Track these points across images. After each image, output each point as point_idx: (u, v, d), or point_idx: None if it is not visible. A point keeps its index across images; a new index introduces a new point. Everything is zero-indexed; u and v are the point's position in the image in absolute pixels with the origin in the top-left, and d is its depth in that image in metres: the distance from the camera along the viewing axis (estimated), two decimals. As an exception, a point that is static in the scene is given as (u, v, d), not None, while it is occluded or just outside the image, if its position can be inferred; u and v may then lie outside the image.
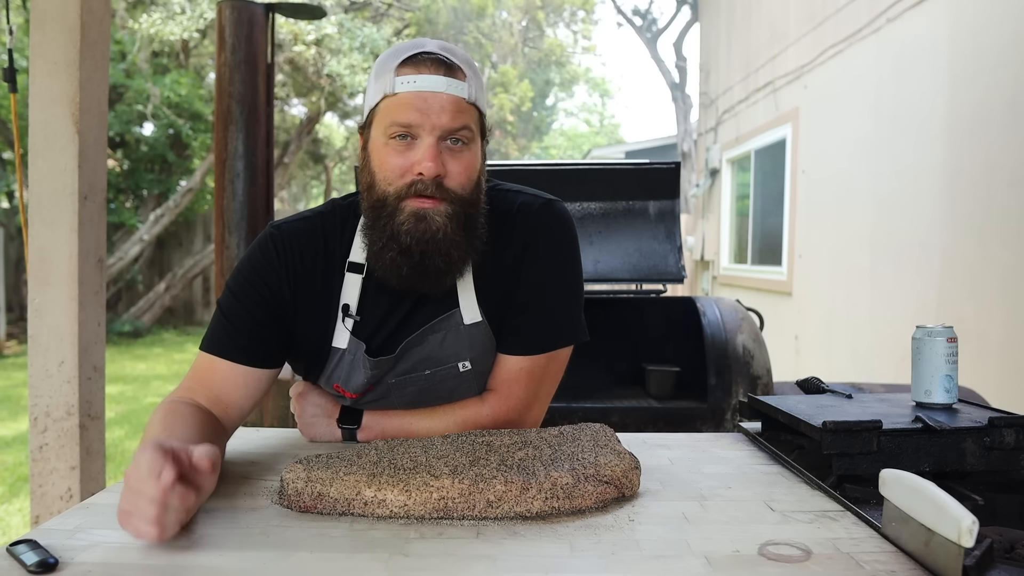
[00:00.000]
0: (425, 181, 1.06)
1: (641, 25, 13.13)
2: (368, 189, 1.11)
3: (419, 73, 1.06)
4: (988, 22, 3.56)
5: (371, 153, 1.11)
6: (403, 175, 1.07)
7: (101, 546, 0.79)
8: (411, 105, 1.05)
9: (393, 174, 1.07)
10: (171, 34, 9.15)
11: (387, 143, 1.07)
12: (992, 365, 3.40)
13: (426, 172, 1.05)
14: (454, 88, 1.07)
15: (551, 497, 0.88)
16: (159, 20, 9.15)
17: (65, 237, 2.09)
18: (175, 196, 10.20)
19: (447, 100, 1.06)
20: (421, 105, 1.05)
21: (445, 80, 1.07)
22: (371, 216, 1.10)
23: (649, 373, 2.71)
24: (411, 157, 1.06)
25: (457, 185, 1.08)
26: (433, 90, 1.06)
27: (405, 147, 1.07)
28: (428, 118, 1.05)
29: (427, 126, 1.05)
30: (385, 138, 1.07)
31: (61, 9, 2.07)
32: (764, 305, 5.38)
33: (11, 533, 3.34)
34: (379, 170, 1.09)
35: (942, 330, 1.11)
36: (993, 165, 3.46)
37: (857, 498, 0.92)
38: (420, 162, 1.05)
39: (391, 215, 1.08)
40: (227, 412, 1.12)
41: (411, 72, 1.06)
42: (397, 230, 1.07)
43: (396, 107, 1.06)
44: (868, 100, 4.73)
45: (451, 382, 1.20)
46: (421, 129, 1.05)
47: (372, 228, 1.10)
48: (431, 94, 1.06)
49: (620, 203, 2.95)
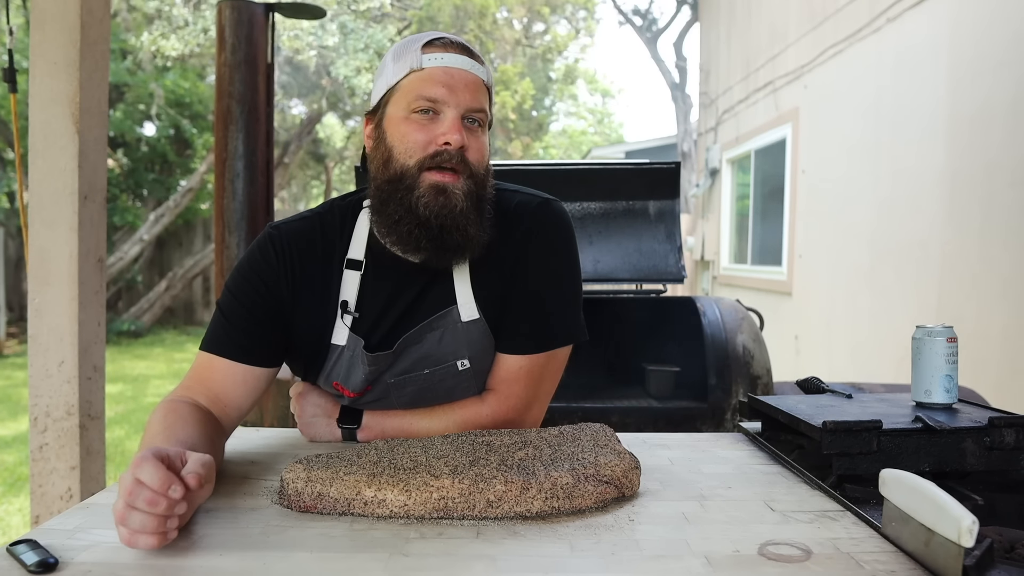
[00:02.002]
0: (450, 151, 1.08)
1: (641, 25, 13.13)
2: (384, 164, 1.11)
3: (446, 52, 1.11)
4: (989, 22, 3.56)
5: (387, 129, 1.12)
6: (426, 147, 1.09)
7: (101, 546, 0.79)
8: (439, 80, 1.09)
9: (416, 146, 1.09)
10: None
11: (408, 117, 1.09)
12: (992, 365, 3.40)
13: (453, 143, 1.08)
14: (476, 69, 1.13)
15: (551, 497, 0.88)
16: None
17: (65, 237, 2.09)
18: (175, 196, 10.21)
19: (471, 79, 1.11)
20: (448, 80, 1.09)
21: (469, 60, 1.12)
22: (386, 190, 1.11)
23: (649, 373, 2.71)
24: (434, 130, 1.09)
25: (475, 161, 1.11)
26: (459, 67, 1.10)
27: (428, 121, 1.09)
28: (454, 94, 1.09)
29: (452, 101, 1.08)
30: (407, 112, 1.10)
31: (61, 9, 2.07)
32: (764, 305, 5.38)
33: (11, 533, 3.34)
34: (399, 143, 1.10)
35: (942, 330, 1.11)
36: (993, 165, 3.46)
37: (857, 498, 0.92)
38: (446, 133, 1.08)
39: (409, 188, 1.09)
40: (226, 411, 1.12)
41: (438, 51, 1.11)
42: (415, 203, 1.08)
43: (423, 81, 1.09)
44: (868, 100, 4.73)
45: (450, 381, 1.20)
46: (446, 104, 1.09)
47: (387, 202, 1.10)
48: (457, 71, 1.10)
49: (620, 203, 2.95)
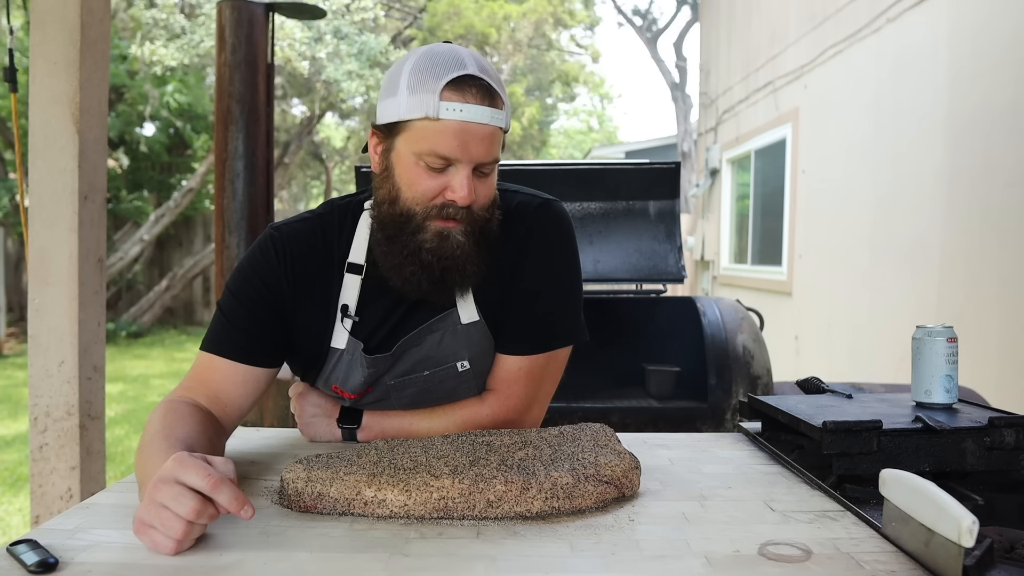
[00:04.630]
0: (457, 206, 1.07)
1: (641, 25, 13.13)
2: (390, 202, 1.10)
3: (465, 102, 1.03)
4: (988, 22, 3.56)
5: (395, 165, 1.09)
6: (434, 198, 1.07)
7: (101, 546, 0.79)
8: (455, 137, 1.03)
9: (424, 197, 1.07)
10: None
11: (418, 163, 1.06)
12: (992, 365, 3.40)
13: (460, 202, 1.06)
14: (496, 119, 1.06)
15: (551, 497, 0.88)
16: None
17: (65, 237, 2.09)
18: (176, 196, 10.22)
19: (487, 133, 1.05)
20: (465, 138, 1.03)
21: (490, 112, 1.04)
22: (392, 228, 1.10)
23: (649, 373, 2.71)
24: (443, 181, 1.06)
25: (481, 208, 1.10)
26: (478, 121, 1.04)
27: (438, 172, 1.06)
28: (468, 151, 1.04)
29: (465, 159, 1.04)
30: (417, 159, 1.06)
31: (61, 9, 2.07)
32: (764, 305, 5.38)
33: (11, 533, 3.34)
34: (407, 189, 1.08)
35: (942, 330, 1.11)
36: (993, 165, 3.46)
37: (857, 498, 0.92)
38: (455, 190, 1.05)
39: (414, 232, 1.08)
40: (225, 411, 1.12)
41: (457, 99, 1.03)
42: (419, 247, 1.08)
43: (438, 135, 1.03)
44: (868, 100, 4.73)
45: (450, 382, 1.20)
46: (459, 160, 1.05)
47: (392, 241, 1.10)
48: (475, 125, 1.04)
49: (620, 203, 2.95)
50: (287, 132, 12.52)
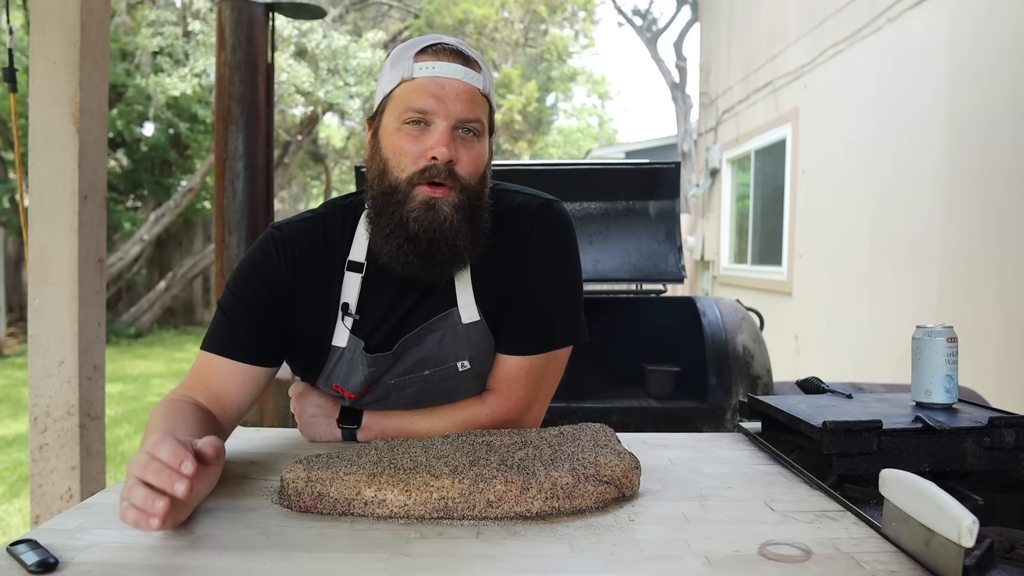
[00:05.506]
0: (438, 166, 1.07)
1: (641, 25, 13.13)
2: (379, 176, 1.11)
3: (437, 60, 1.08)
4: (987, 22, 3.56)
5: (382, 139, 1.11)
6: (416, 160, 1.08)
7: (101, 546, 0.79)
8: (428, 90, 1.07)
9: (406, 159, 1.08)
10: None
11: (400, 128, 1.08)
12: (992, 365, 3.40)
13: (440, 157, 1.06)
14: (470, 78, 1.09)
15: (551, 497, 0.88)
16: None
17: (65, 237, 2.09)
18: (175, 196, 10.22)
19: (463, 88, 1.08)
20: (438, 91, 1.07)
21: (463, 69, 1.09)
22: (380, 202, 1.11)
23: (649, 373, 2.71)
24: (424, 142, 1.07)
25: (466, 173, 1.09)
26: (451, 76, 1.08)
27: (419, 132, 1.08)
28: (444, 104, 1.07)
29: (442, 112, 1.07)
30: (399, 123, 1.08)
31: (61, 9, 2.07)
32: (764, 305, 5.38)
33: (11, 533, 3.34)
34: (392, 155, 1.09)
35: (942, 330, 1.11)
36: (993, 165, 3.46)
37: (857, 498, 0.92)
38: (434, 147, 1.06)
39: (401, 202, 1.08)
40: (225, 410, 1.12)
41: (430, 59, 1.08)
42: (406, 217, 1.08)
43: (413, 92, 1.07)
44: (868, 100, 4.73)
45: (451, 382, 1.20)
46: (436, 115, 1.07)
47: (380, 214, 1.11)
48: (448, 80, 1.08)
49: (620, 203, 2.95)
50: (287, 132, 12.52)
